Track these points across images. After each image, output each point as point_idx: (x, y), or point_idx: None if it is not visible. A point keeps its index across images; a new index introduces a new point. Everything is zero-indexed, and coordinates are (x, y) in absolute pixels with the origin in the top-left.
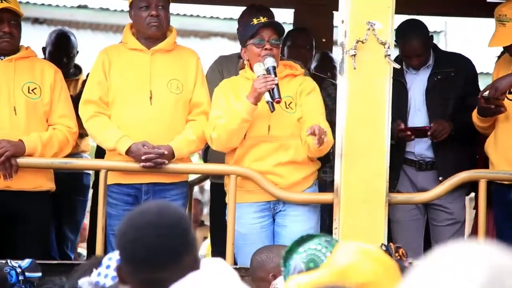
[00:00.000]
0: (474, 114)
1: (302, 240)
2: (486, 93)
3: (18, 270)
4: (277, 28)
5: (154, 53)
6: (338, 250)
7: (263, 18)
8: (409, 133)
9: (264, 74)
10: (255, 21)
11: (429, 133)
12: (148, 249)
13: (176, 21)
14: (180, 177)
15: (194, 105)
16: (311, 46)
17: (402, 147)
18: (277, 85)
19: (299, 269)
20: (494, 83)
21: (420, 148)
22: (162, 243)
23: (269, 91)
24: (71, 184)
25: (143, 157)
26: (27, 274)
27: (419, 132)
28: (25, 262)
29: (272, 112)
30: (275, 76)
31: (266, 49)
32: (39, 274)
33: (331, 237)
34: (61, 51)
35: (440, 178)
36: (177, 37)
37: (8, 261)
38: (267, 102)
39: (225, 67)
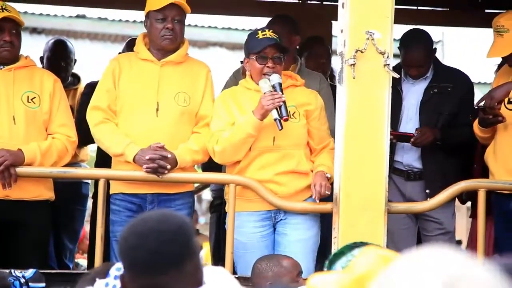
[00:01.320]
0: (475, 125)
1: (354, 245)
2: (482, 103)
3: (22, 280)
4: (279, 44)
5: (164, 65)
6: (359, 256)
7: (268, 31)
8: (391, 137)
9: (270, 91)
10: (260, 34)
11: (411, 140)
12: (148, 254)
13: None
14: (185, 187)
15: (200, 117)
16: (328, 55)
17: (390, 155)
18: (284, 102)
19: None
20: (490, 92)
21: (408, 158)
22: (163, 248)
23: (276, 108)
24: (70, 194)
25: (147, 157)
26: (31, 284)
27: (402, 138)
28: (29, 272)
29: (280, 130)
30: (282, 93)
31: (269, 66)
32: (43, 284)
33: (383, 248)
34: (58, 56)
35: (427, 191)
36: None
37: (12, 271)
38: (275, 119)
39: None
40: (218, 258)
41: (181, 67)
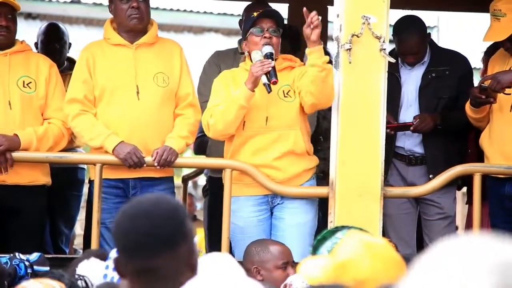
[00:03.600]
0: (467, 106)
1: (336, 230)
2: (486, 83)
3: (27, 263)
4: (276, 18)
5: (138, 47)
6: (343, 241)
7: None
8: (388, 130)
9: (261, 60)
10: (255, 14)
11: (411, 128)
12: (141, 237)
13: (170, 16)
14: (167, 172)
15: (180, 97)
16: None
17: (392, 141)
18: (273, 68)
19: None
20: (496, 76)
21: (410, 143)
22: (156, 231)
23: (266, 74)
24: (66, 179)
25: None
26: (35, 267)
27: (402, 128)
28: (34, 256)
29: (269, 92)
30: (272, 60)
31: (265, 37)
32: (47, 268)
33: (362, 229)
34: (52, 38)
35: (430, 176)
36: (170, 32)
37: (16, 254)
38: (264, 84)
39: (223, 62)
40: (212, 243)
41: (154, 48)
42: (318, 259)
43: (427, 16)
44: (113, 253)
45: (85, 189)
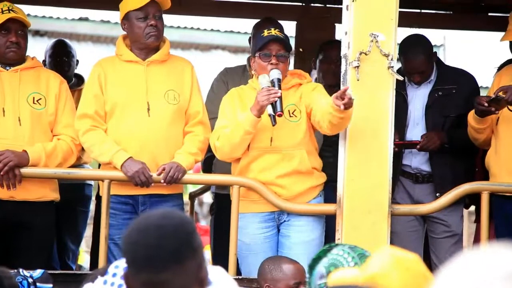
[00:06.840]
0: (471, 114)
1: (330, 247)
2: (503, 94)
3: (30, 280)
4: (285, 42)
5: (149, 64)
6: (375, 255)
7: (274, 30)
8: (396, 149)
9: (268, 87)
10: (265, 32)
11: (417, 147)
12: (148, 249)
13: (177, 34)
14: (176, 189)
15: (190, 115)
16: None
17: (398, 158)
18: (280, 98)
19: (320, 274)
20: None
21: (417, 162)
22: (163, 243)
23: (271, 103)
24: (73, 195)
25: (139, 179)
26: (38, 284)
27: (408, 145)
28: (37, 273)
29: (273, 125)
30: (279, 88)
31: (272, 63)
32: (51, 285)
33: (356, 245)
34: (60, 52)
35: (437, 194)
36: (177, 49)
37: (20, 270)
38: (269, 115)
39: (230, 78)
40: (218, 259)
41: (166, 66)
42: (346, 270)
43: (433, 35)
44: (112, 268)
45: (92, 206)
